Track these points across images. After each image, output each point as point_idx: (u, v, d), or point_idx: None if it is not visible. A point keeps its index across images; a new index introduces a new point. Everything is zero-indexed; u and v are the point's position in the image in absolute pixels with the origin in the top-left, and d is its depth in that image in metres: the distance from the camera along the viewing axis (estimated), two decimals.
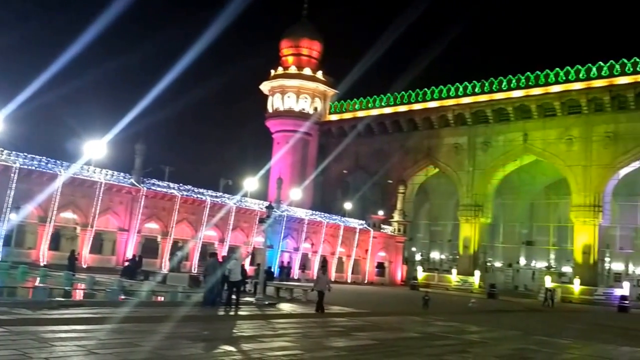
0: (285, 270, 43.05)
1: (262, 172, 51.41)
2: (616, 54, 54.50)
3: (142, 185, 38.66)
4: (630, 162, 51.25)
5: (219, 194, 44.17)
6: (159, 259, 40.04)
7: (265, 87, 70.93)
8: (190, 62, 40.09)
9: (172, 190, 40.55)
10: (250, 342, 13.22)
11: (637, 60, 50.40)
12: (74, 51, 34.21)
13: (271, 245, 44.43)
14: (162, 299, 21.46)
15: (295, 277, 46.11)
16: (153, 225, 40.24)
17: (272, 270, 37.63)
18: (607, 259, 56.59)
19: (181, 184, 41.61)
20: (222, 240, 43.10)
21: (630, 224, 55.03)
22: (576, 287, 48.31)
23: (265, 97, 71.32)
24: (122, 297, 20.00)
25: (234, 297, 20.33)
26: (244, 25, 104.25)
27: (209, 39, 40.39)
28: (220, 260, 21.41)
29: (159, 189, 39.97)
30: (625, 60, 51.07)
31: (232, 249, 40.06)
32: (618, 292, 46.20)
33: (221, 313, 18.92)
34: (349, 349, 13.71)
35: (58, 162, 34.70)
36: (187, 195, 41.09)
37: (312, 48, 70.79)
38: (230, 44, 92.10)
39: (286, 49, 71.17)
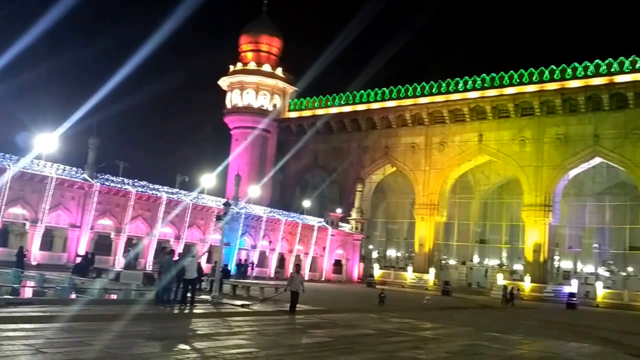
0: (243, 268, 42.75)
1: (220, 168, 50.92)
2: (568, 57, 56.12)
3: (95, 180, 37.74)
4: (579, 163, 52.95)
5: (175, 190, 43.51)
6: (113, 256, 39.18)
7: (223, 82, 70.24)
8: (147, 56, 39.34)
9: (127, 186, 39.74)
10: (205, 340, 13.12)
11: (588, 64, 52.11)
12: (24, 43, 33.12)
13: (228, 242, 44.12)
14: (115, 296, 21.01)
15: (253, 275, 45.94)
16: (106, 222, 39.34)
17: (229, 268, 37.32)
18: (556, 257, 58.34)
19: (136, 180, 40.81)
20: (178, 238, 42.51)
21: (579, 223, 56.81)
22: (527, 284, 49.62)
23: (224, 92, 70.65)
24: (73, 295, 19.51)
25: (189, 294, 20.15)
26: (203, 20, 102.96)
27: (166, 32, 39.78)
28: (176, 258, 21.15)
29: (112, 184, 39.08)
30: (577, 64, 52.73)
31: (188, 247, 39.57)
32: (566, 289, 47.63)
33: (176, 311, 18.72)
34: (305, 346, 13.75)
35: (7, 155, 33.50)
36: (142, 191, 40.34)
37: (271, 44, 70.48)
38: (189, 39, 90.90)
39: (245, 44, 70.65)
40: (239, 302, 21.63)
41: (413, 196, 61.81)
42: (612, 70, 50.82)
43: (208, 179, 40.57)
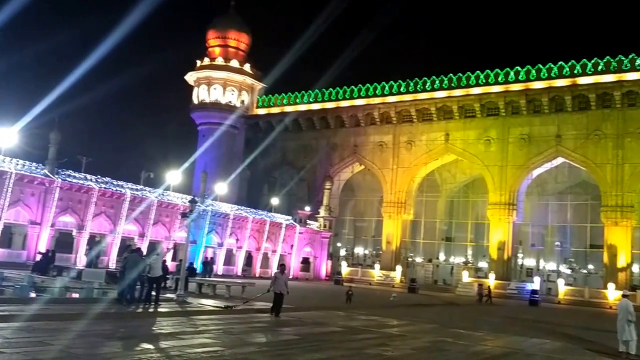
0: (209, 266, 42.29)
1: (186, 165, 50.21)
2: (533, 59, 57.31)
3: (56, 176, 36.79)
4: (542, 163, 54.03)
5: (139, 187, 42.74)
6: (74, 253, 38.27)
7: (190, 77, 69.39)
8: (112, 50, 38.56)
9: (90, 182, 38.86)
10: (170, 340, 12.95)
11: (552, 66, 53.17)
12: None
13: (194, 240, 43.64)
14: (77, 295, 20.52)
15: (220, 273, 45.54)
16: (68, 219, 38.39)
17: (195, 266, 36.90)
18: (520, 255, 59.42)
19: (99, 176, 39.93)
20: (142, 235, 41.80)
21: (542, 222, 57.95)
22: (491, 281, 50.40)
23: (191, 88, 69.83)
24: (33, 293, 19.00)
25: (154, 293, 19.84)
26: (171, 14, 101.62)
27: (131, 26, 38.99)
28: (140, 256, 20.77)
29: (75, 180, 38.15)
30: (541, 66, 53.76)
31: (153, 244, 38.96)
32: (529, 286, 48.58)
33: (140, 310, 18.43)
34: (271, 344, 13.66)
35: None
36: (105, 187, 39.50)
37: (239, 40, 69.95)
38: (156, 33, 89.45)
39: (213, 39, 69.94)
40: (221, 304, 20.92)
41: (381, 194, 62.18)
42: (575, 72, 51.97)
43: (174, 176, 39.88)
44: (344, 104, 64.60)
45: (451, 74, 58.27)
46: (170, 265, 34.15)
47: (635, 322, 15.38)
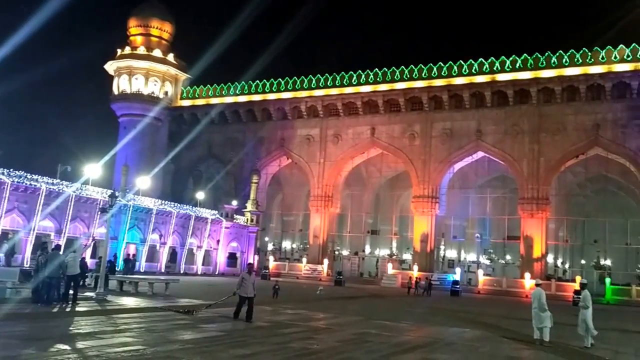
0: (131, 263, 40.95)
1: (107, 158, 48.21)
2: (454, 56, 59.10)
3: None
4: (463, 157, 55.91)
5: (56, 181, 40.65)
6: None
7: (110, 67, 66.74)
8: (25, 39, 36.36)
9: (1, 176, 36.59)
10: (88, 339, 12.47)
11: (473, 62, 55.04)
12: None
13: (115, 236, 42.17)
14: None
15: (142, 270, 44.21)
16: None
17: (115, 263, 35.64)
18: (442, 247, 61.40)
19: (12, 170, 37.65)
20: (60, 232, 39.84)
21: (463, 214, 60.00)
22: (415, 273, 51.73)
23: (112, 78, 67.19)
24: None
25: (71, 292, 19.08)
26: (91, 3, 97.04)
27: (48, 13, 36.93)
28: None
29: None
30: (462, 62, 55.54)
31: (71, 241, 37.24)
32: (451, 277, 50.25)
33: (56, 310, 17.69)
34: (196, 341, 13.36)
35: None
36: (18, 182, 37.28)
37: (162, 29, 67.90)
38: (73, 21, 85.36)
39: (134, 28, 67.54)
40: (181, 306, 19.26)
41: (308, 188, 62.34)
42: (494, 69, 54.05)
43: (93, 169, 38.16)
44: (271, 96, 64.22)
45: (376, 69, 59.20)
46: (90, 262, 32.90)
47: (549, 310, 16.12)
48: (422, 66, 57.13)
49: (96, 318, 16.36)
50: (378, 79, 58.88)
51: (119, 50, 66.54)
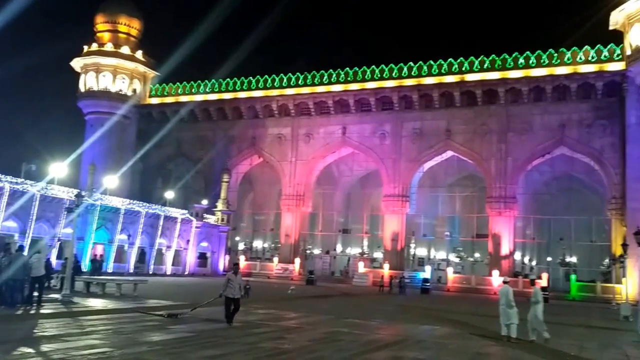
0: (97, 263, 40.19)
1: (73, 156, 47.25)
2: (424, 56, 59.46)
3: None
4: (433, 156, 56.41)
5: (20, 180, 39.63)
6: None
7: (77, 64, 65.41)
8: None
9: None
10: (53, 342, 12.21)
11: (442, 62, 55.57)
12: None
13: (81, 237, 41.38)
14: None
15: (110, 271, 43.46)
16: None
17: (82, 263, 34.97)
18: (412, 245, 61.94)
19: None
20: (24, 232, 38.85)
21: (432, 213, 60.60)
22: (386, 271, 52.04)
23: (79, 75, 65.89)
24: None
25: (36, 294, 18.65)
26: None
27: (13, 9, 35.94)
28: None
29: None
30: (432, 62, 56.01)
31: (36, 242, 36.35)
32: (421, 275, 50.70)
33: (19, 312, 17.28)
34: (165, 343, 13.19)
35: None
36: None
37: (130, 26, 66.85)
38: (39, 17, 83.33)
39: (102, 24, 66.31)
40: (162, 312, 18.49)
41: (280, 187, 62.16)
42: (463, 69, 54.67)
43: (59, 168, 37.31)
44: (242, 95, 63.83)
45: (347, 68, 59.28)
46: (55, 263, 32.26)
47: (516, 307, 16.37)
48: (393, 66, 57.47)
49: (62, 320, 16.04)
50: (349, 79, 59.02)
51: (85, 47, 65.27)
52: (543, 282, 46.41)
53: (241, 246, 68.13)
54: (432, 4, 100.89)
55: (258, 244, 69.76)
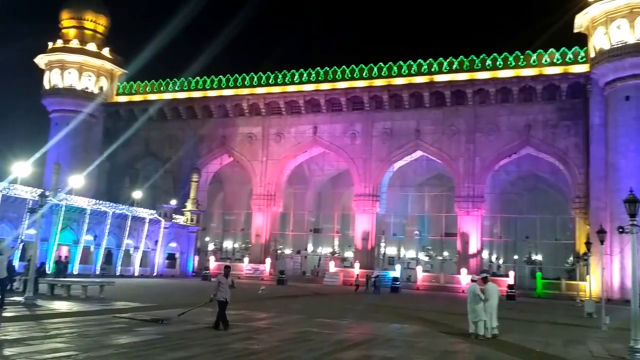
0: (63, 265, 39.33)
1: (37, 156, 46.17)
2: (394, 56, 59.80)
3: None
4: (403, 156, 56.80)
5: None
6: None
7: (41, 60, 63.88)
8: None
9: None
10: (16, 346, 11.92)
11: (412, 63, 56.00)
12: None
13: (46, 238, 40.50)
14: None
15: (75, 273, 42.60)
16: None
17: (46, 265, 34.20)
18: (382, 244, 62.27)
19: None
20: None
21: (402, 212, 61.01)
22: (356, 270, 52.19)
23: (43, 72, 64.39)
24: None
25: None
26: None
27: None
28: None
29: None
30: (402, 63, 56.39)
31: None
32: (391, 274, 50.99)
33: None
34: (132, 345, 12.96)
35: None
36: None
37: (97, 22, 65.60)
38: (1, 12, 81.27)
39: (67, 20, 64.92)
40: (150, 318, 17.53)
41: (251, 187, 61.79)
42: (432, 70, 55.18)
43: (22, 168, 36.44)
44: (212, 93, 63.24)
45: (318, 68, 59.28)
46: (18, 265, 31.54)
47: (485, 304, 16.56)
48: (363, 66, 57.68)
49: (25, 323, 15.69)
50: (320, 78, 59.01)
51: (50, 44, 63.83)
52: (510, 280, 47.25)
53: (211, 246, 67.53)
54: (402, 4, 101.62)
55: (228, 244, 69.25)
